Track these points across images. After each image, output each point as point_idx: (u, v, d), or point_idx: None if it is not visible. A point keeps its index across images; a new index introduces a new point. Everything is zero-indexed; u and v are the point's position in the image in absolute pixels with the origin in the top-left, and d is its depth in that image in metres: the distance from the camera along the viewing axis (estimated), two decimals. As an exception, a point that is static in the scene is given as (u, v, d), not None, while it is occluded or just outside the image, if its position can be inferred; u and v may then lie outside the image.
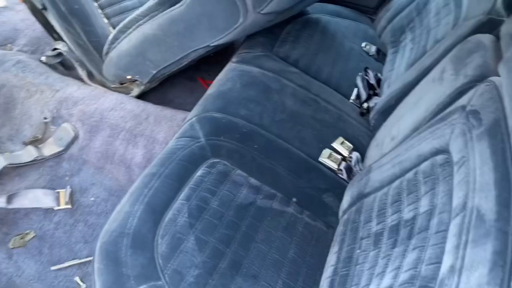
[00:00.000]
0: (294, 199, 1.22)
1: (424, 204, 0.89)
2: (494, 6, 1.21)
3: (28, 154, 1.60)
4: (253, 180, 1.21)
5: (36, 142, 1.65)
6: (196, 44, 1.45)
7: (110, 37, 1.65)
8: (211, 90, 1.45)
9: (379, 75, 1.72)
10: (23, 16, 2.18)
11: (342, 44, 1.83)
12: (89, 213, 1.55)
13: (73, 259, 1.43)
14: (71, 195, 1.57)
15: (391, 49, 1.82)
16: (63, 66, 1.95)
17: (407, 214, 0.93)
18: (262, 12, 1.35)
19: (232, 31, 1.36)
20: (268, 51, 1.64)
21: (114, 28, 1.78)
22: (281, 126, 1.36)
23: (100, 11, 1.80)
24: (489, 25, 1.18)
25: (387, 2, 2.02)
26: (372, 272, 0.89)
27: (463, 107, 0.95)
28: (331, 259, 1.07)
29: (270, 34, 1.72)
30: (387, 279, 0.81)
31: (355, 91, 1.64)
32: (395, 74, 1.60)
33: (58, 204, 1.53)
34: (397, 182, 1.04)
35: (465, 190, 0.78)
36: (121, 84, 1.79)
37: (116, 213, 1.07)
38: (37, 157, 1.60)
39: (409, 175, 1.01)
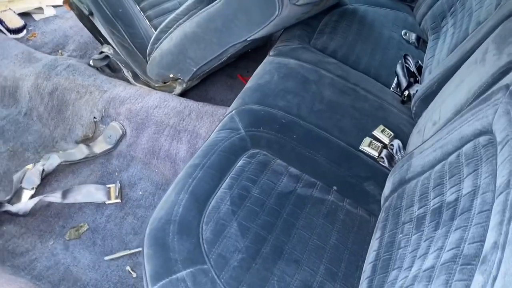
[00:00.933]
0: (335, 188, 1.23)
1: (467, 186, 0.88)
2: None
3: (80, 152, 1.70)
4: (293, 169, 1.23)
5: (87, 140, 1.75)
6: (234, 39, 1.48)
7: (153, 38, 1.72)
8: (250, 83, 1.48)
9: (420, 62, 1.69)
10: (71, 24, 2.32)
11: (381, 33, 1.82)
12: (138, 206, 1.62)
13: (125, 249, 1.50)
14: (121, 189, 1.64)
15: (432, 35, 1.78)
16: (110, 68, 2.05)
17: (449, 196, 0.91)
18: (297, 3, 1.36)
19: (268, 24, 1.39)
20: (306, 43, 1.66)
21: (156, 29, 1.85)
22: (319, 116, 1.37)
23: (142, 14, 1.88)
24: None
25: (427, -12, 1.97)
26: (415, 254, 0.88)
27: (507, 86, 0.93)
28: (374, 245, 1.07)
29: (307, 27, 1.73)
30: (429, 260, 0.80)
31: (395, 79, 1.62)
32: (436, 60, 1.56)
33: (109, 198, 1.61)
34: (439, 166, 1.02)
35: (509, 168, 0.76)
36: (164, 83, 1.86)
37: (163, 202, 1.11)
38: (89, 154, 1.70)
39: (452, 158, 0.99)
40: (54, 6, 2.45)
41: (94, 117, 1.76)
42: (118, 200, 1.62)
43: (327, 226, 1.14)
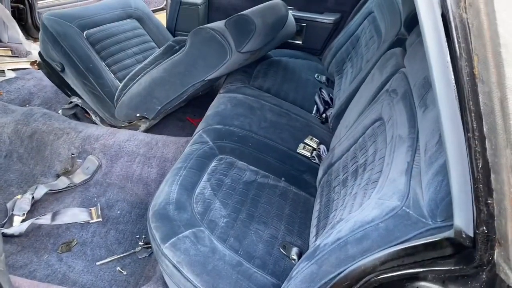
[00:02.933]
0: (283, 179, 1.67)
1: (370, 150, 1.37)
2: (400, 30, 1.79)
3: (62, 182, 1.97)
4: (252, 167, 1.65)
5: (67, 173, 2.03)
6: (195, 79, 1.93)
7: (121, 85, 2.11)
8: (209, 112, 1.92)
9: (330, 95, 2.26)
10: (34, 83, 2.62)
11: (300, 76, 2.38)
12: (118, 222, 1.91)
13: (113, 255, 1.77)
14: (101, 211, 1.93)
15: (336, 76, 2.38)
16: (76, 117, 2.37)
17: (361, 160, 1.40)
18: (242, 51, 1.87)
19: (221, 66, 1.86)
20: (246, 83, 2.16)
21: (119, 79, 2.26)
22: (266, 131, 1.84)
23: (107, 68, 2.27)
24: (398, 42, 1.75)
25: (329, 44, 2.62)
26: (344, 198, 1.33)
27: (387, 90, 1.47)
28: (315, 207, 1.51)
29: (245, 73, 2.25)
30: (353, 193, 1.26)
31: (315, 107, 2.16)
32: (342, 90, 2.14)
33: (92, 218, 1.89)
34: (352, 148, 1.52)
35: (392, 131, 1.27)
36: (129, 123, 2.22)
37: (159, 193, 1.47)
38: (70, 184, 1.97)
39: (360, 140, 1.49)
40: (14, 70, 2.74)
41: (72, 153, 2.06)
42: (100, 219, 1.89)
43: (281, 201, 1.56)
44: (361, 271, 0.87)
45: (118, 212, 1.95)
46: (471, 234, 0.71)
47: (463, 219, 0.71)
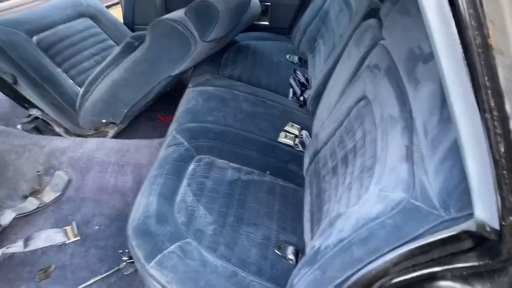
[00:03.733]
0: (268, 172, 1.56)
1: (358, 134, 1.27)
2: (372, 0, 1.69)
3: (31, 204, 1.82)
4: (233, 164, 1.54)
5: (35, 193, 1.87)
6: (159, 76, 1.79)
7: (81, 91, 1.95)
8: (180, 110, 1.79)
9: (305, 75, 2.15)
10: (-13, 98, 2.42)
11: (271, 59, 2.26)
12: (97, 239, 1.78)
13: (96, 276, 1.64)
14: (77, 228, 1.79)
15: (309, 54, 2.27)
16: (37, 130, 2.20)
17: (349, 145, 1.30)
18: (206, 40, 1.73)
19: (187, 59, 1.73)
20: (216, 74, 2.03)
21: (79, 85, 2.09)
22: (243, 123, 1.72)
23: (65, 74, 2.10)
24: (372, 13, 1.64)
25: (298, 21, 2.50)
26: (337, 188, 1.24)
27: (368, 66, 1.37)
28: (306, 200, 1.42)
29: (212, 62, 2.11)
30: (347, 183, 1.17)
31: (291, 90, 2.05)
32: (317, 69, 2.03)
33: (69, 238, 1.75)
34: (338, 131, 1.42)
35: (381, 110, 1.17)
36: (96, 130, 2.07)
37: (136, 206, 1.34)
38: (40, 204, 1.82)
39: (345, 123, 1.39)
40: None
41: (38, 171, 1.90)
42: (77, 238, 1.76)
43: (270, 197, 1.46)
44: (372, 275, 0.78)
45: (96, 227, 1.81)
46: (497, 227, 0.62)
47: (485, 211, 0.62)
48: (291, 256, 1.25)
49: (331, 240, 0.92)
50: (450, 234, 0.70)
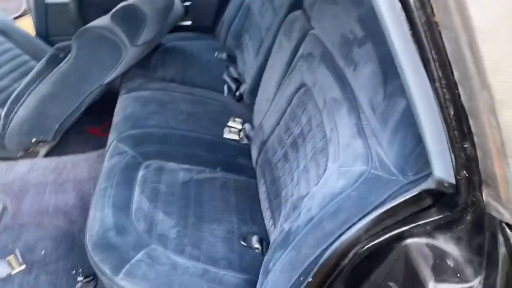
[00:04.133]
0: (219, 168, 1.59)
1: (303, 119, 1.34)
2: (295, -8, 1.77)
3: (-37, 239, 1.67)
4: (183, 166, 1.54)
5: (-34, 227, 1.72)
6: (91, 86, 1.73)
7: (4, 112, 1.82)
8: (117, 118, 1.74)
9: (237, 70, 2.19)
10: None
11: (200, 58, 2.27)
12: (46, 264, 1.68)
13: (51, 302, 1.56)
14: (22, 257, 1.68)
15: (237, 50, 2.31)
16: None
17: (296, 131, 1.36)
18: (137, 44, 1.70)
19: (118, 66, 1.69)
20: (147, 77, 1.99)
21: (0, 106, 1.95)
22: (186, 123, 1.72)
23: (-19, 96, 1.94)
24: (297, 4, 1.71)
25: (220, 19, 2.53)
26: (292, 172, 1.30)
27: (302, 55, 1.44)
28: (261, 189, 1.46)
29: (142, 67, 2.07)
30: (301, 166, 1.23)
31: (225, 86, 2.08)
32: (248, 64, 2.08)
33: (13, 269, 1.63)
34: (282, 120, 1.48)
35: (323, 95, 1.25)
36: (26, 150, 1.95)
37: (91, 221, 1.30)
38: (-27, 238, 1.68)
39: (288, 111, 1.46)
40: None
41: (-35, 203, 1.75)
42: (23, 267, 1.65)
43: (225, 193, 1.48)
44: (346, 245, 0.84)
45: (43, 252, 1.72)
46: (453, 181, 0.70)
47: (442, 168, 0.70)
48: (257, 245, 1.29)
49: (301, 220, 0.97)
50: (411, 195, 0.78)
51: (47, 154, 2.02)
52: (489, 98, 0.58)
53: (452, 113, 0.64)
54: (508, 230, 0.66)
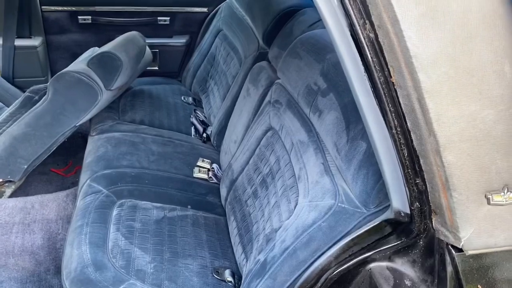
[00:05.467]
0: (189, 206, 1.67)
1: (272, 159, 1.47)
2: (259, 44, 1.94)
3: None
4: (156, 204, 1.61)
5: None
6: (64, 128, 1.77)
7: (-29, 152, 1.82)
8: (89, 159, 1.79)
9: (203, 114, 2.32)
10: None
11: (167, 101, 2.38)
12: (10, 306, 1.66)
13: None
14: (-16, 300, 1.64)
15: (202, 95, 2.45)
16: None
17: (265, 170, 1.49)
18: (111, 88, 1.79)
19: (93, 108, 1.76)
20: (117, 120, 2.07)
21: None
22: (157, 163, 1.80)
23: None
24: (261, 56, 1.89)
25: (186, 65, 2.67)
26: (262, 208, 1.41)
27: (269, 101, 1.59)
28: (232, 226, 1.55)
29: (111, 109, 2.15)
30: (272, 203, 1.34)
31: (192, 128, 2.19)
32: (215, 107, 2.21)
33: (-24, 313, 1.60)
34: (251, 160, 1.60)
35: (290, 138, 1.39)
36: (-10, 191, 1.93)
37: (68, 258, 1.33)
38: None
39: (256, 151, 1.58)
40: None
41: None
42: (-14, 310, 1.62)
43: (196, 229, 1.56)
44: (319, 271, 0.95)
45: (7, 294, 1.69)
46: (408, 211, 0.84)
47: (399, 201, 0.84)
48: (229, 278, 1.37)
49: (276, 251, 1.08)
50: (373, 225, 0.92)
51: (12, 195, 2.00)
52: (435, 143, 0.73)
53: (406, 154, 0.79)
54: (453, 251, 0.80)
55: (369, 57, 0.76)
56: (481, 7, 0.71)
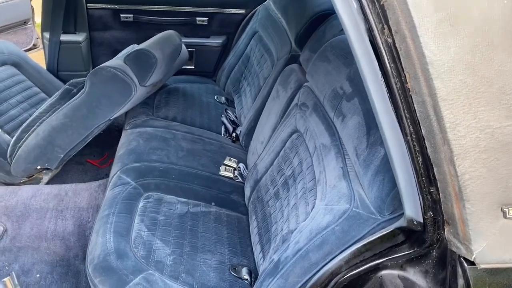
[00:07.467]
0: (213, 203, 1.70)
1: (295, 161, 1.47)
2: (292, 47, 1.95)
3: (-38, 258, 1.73)
4: (181, 199, 1.65)
5: (-35, 246, 1.78)
6: (100, 120, 1.85)
7: (14, 139, 1.93)
8: (121, 151, 1.86)
9: (234, 114, 2.35)
10: None
11: (201, 100, 2.43)
12: (40, 287, 1.74)
13: (43, 324, 1.61)
14: (17, 279, 1.73)
15: (235, 95, 2.48)
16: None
17: (288, 172, 1.49)
18: (145, 85, 1.85)
19: (127, 103, 1.82)
20: (151, 115, 2.13)
21: (7, 133, 2.07)
22: (185, 160, 1.84)
23: (-9, 123, 2.06)
24: (293, 58, 1.90)
25: (221, 65, 2.71)
26: (282, 209, 1.41)
27: (296, 104, 1.60)
28: (253, 225, 1.57)
29: (146, 105, 2.22)
30: (291, 204, 1.35)
31: (223, 127, 2.23)
32: (246, 108, 2.23)
33: (8, 290, 1.69)
34: (275, 161, 1.61)
35: (313, 141, 1.39)
36: (29, 177, 2.04)
37: (93, 245, 1.39)
38: (-28, 258, 1.74)
39: (281, 153, 1.59)
40: None
41: (-32, 223, 1.82)
42: (18, 289, 1.71)
43: (218, 226, 1.59)
44: (329, 274, 0.95)
45: (38, 276, 1.77)
46: (421, 220, 0.83)
47: (412, 209, 0.83)
48: (246, 276, 1.39)
49: (289, 251, 1.08)
50: (386, 231, 0.91)
51: (49, 182, 2.11)
52: (449, 151, 0.72)
53: (421, 162, 0.78)
54: (465, 264, 0.79)
55: (387, 63, 0.75)
56: (503, 15, 0.69)
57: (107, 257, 1.33)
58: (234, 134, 2.17)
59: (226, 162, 1.92)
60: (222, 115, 2.27)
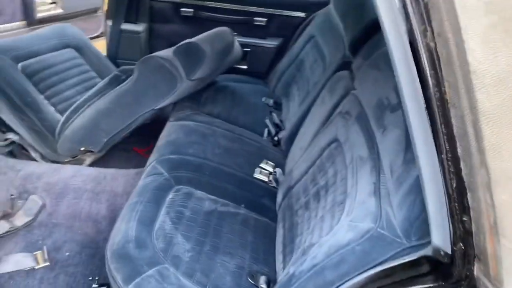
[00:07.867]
0: (243, 205, 1.65)
1: (330, 172, 1.39)
2: (345, 53, 1.86)
3: (2, 227, 1.80)
4: (211, 196, 1.62)
5: (7, 216, 1.86)
6: (144, 109, 1.87)
7: (63, 119, 2.00)
8: (161, 142, 1.87)
9: (279, 117, 2.29)
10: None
11: (248, 100, 2.40)
12: (67, 265, 1.78)
13: (64, 302, 1.64)
14: (48, 254, 1.79)
15: (284, 98, 2.43)
16: (12, 154, 2.21)
17: (321, 182, 1.42)
18: (192, 78, 1.85)
19: (172, 95, 1.83)
20: (196, 110, 2.13)
21: (60, 112, 2.15)
22: (221, 157, 1.81)
23: (47, 101, 2.14)
24: (344, 65, 1.81)
25: (274, 67, 2.67)
26: (309, 221, 1.34)
27: (340, 112, 1.52)
28: (279, 232, 1.51)
29: (193, 100, 2.22)
30: (319, 216, 1.27)
31: (266, 130, 2.18)
32: (291, 112, 2.17)
33: (38, 264, 1.74)
34: (311, 170, 1.54)
35: (351, 152, 1.30)
36: (73, 157, 2.10)
37: (116, 231, 1.39)
38: (11, 228, 1.81)
39: (317, 162, 1.52)
40: None
41: (12, 194, 1.90)
42: (47, 263, 1.75)
43: (244, 229, 1.53)
44: (343, 297, 0.87)
45: (67, 254, 1.81)
46: (449, 251, 0.73)
47: (440, 237, 0.74)
48: (263, 286, 1.32)
49: (305, 266, 1.01)
50: (410, 259, 0.81)
51: (91, 164, 2.17)
52: (486, 176, 0.62)
53: (455, 185, 0.69)
54: (494, 308, 0.68)
55: (426, 69, 0.67)
56: None
57: (126, 245, 1.32)
58: (276, 138, 2.11)
59: (262, 165, 1.87)
60: (267, 118, 2.22)
